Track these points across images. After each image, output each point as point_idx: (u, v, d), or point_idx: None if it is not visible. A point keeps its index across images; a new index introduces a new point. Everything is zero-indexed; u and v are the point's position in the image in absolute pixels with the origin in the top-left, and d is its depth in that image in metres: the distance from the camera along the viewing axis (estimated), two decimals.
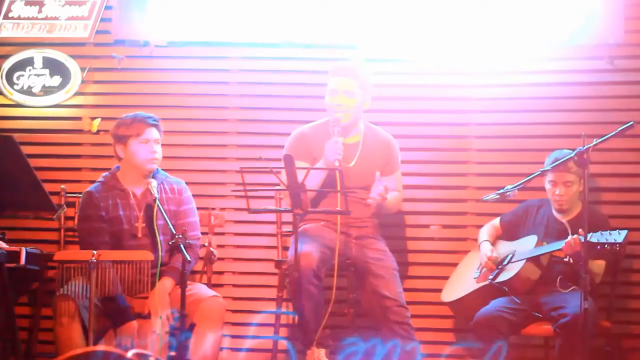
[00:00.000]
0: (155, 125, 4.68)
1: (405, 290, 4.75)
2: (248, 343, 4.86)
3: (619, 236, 4.33)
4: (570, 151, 4.38)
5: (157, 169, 4.73)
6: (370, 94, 4.85)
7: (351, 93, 4.76)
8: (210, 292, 4.56)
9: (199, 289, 4.58)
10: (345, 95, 4.75)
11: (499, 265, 4.76)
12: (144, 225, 4.60)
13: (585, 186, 4.14)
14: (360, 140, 4.84)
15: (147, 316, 4.45)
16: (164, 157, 4.75)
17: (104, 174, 4.74)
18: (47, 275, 5.00)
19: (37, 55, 5.44)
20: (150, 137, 4.64)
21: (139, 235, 4.59)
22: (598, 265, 4.63)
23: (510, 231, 4.93)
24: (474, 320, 4.62)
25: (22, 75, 5.42)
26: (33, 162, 4.36)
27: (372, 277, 4.65)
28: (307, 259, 4.45)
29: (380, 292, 4.61)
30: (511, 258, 4.74)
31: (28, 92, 5.43)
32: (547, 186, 4.79)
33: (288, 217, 4.96)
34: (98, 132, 5.43)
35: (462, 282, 4.89)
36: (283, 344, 4.75)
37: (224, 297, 4.65)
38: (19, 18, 5.45)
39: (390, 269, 4.71)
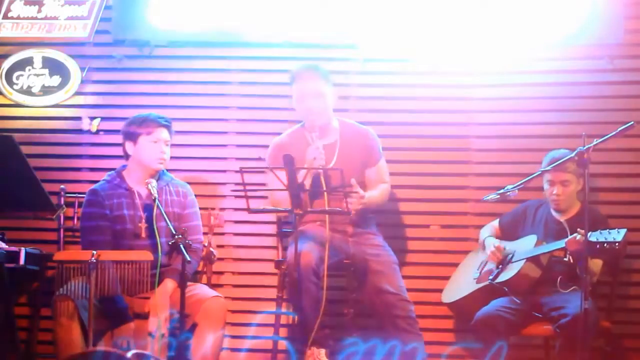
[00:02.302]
0: (167, 127, 4.69)
1: (406, 290, 4.75)
2: (248, 343, 4.86)
3: (618, 235, 4.33)
4: (568, 151, 4.38)
5: (163, 171, 4.73)
6: (336, 93, 4.85)
7: (319, 93, 4.76)
8: (212, 293, 4.55)
9: (200, 289, 4.58)
10: (315, 97, 4.75)
11: (499, 264, 4.75)
12: (146, 225, 4.59)
13: (585, 186, 4.14)
14: (337, 139, 4.83)
15: (147, 316, 4.44)
16: None
17: (110, 172, 4.74)
18: (47, 276, 5.00)
19: (37, 55, 5.43)
20: (161, 137, 4.65)
21: (143, 235, 4.59)
22: (595, 264, 4.62)
23: (509, 232, 4.93)
24: (474, 320, 4.62)
25: (22, 75, 5.42)
26: (33, 162, 4.36)
27: (373, 274, 4.64)
28: (306, 257, 4.44)
29: (382, 288, 4.60)
30: (511, 258, 4.74)
31: (27, 92, 5.42)
32: (545, 186, 4.79)
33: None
34: (98, 132, 5.43)
35: (462, 283, 4.88)
36: (283, 344, 4.75)
37: (223, 297, 4.64)
38: (18, 18, 5.44)
39: (390, 263, 4.70)
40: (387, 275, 4.63)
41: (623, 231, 4.34)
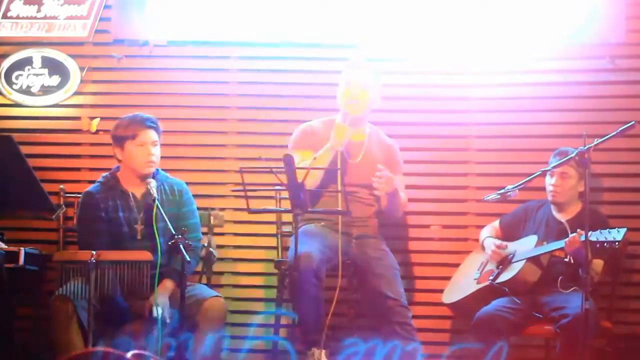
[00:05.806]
0: (153, 127, 4.63)
1: (406, 290, 4.74)
2: (248, 344, 4.85)
3: (618, 234, 4.33)
4: (574, 149, 4.38)
5: (158, 170, 4.70)
6: (380, 93, 4.89)
7: (367, 88, 4.79)
8: (212, 293, 4.55)
9: (200, 289, 4.57)
10: (362, 89, 4.78)
11: (500, 263, 4.75)
12: (142, 227, 4.58)
13: (586, 186, 4.14)
14: (365, 139, 4.85)
15: (146, 317, 4.43)
16: (164, 157, 4.74)
17: (104, 174, 4.72)
18: (47, 276, 4.99)
19: (36, 54, 5.42)
20: (147, 140, 4.60)
21: (139, 237, 4.57)
22: (597, 264, 4.62)
23: (510, 232, 4.92)
24: (475, 320, 4.62)
25: (21, 75, 5.41)
26: (32, 162, 4.35)
27: (374, 277, 4.64)
28: (307, 259, 4.43)
29: (382, 292, 4.59)
30: (511, 258, 4.73)
31: (27, 91, 5.41)
32: (546, 179, 4.78)
33: (288, 217, 4.95)
34: (97, 132, 5.42)
35: (463, 284, 4.88)
36: (283, 344, 4.74)
37: (223, 297, 4.63)
38: (17, 17, 5.43)
39: (391, 268, 4.70)
40: (388, 280, 4.63)
41: (623, 230, 4.34)
